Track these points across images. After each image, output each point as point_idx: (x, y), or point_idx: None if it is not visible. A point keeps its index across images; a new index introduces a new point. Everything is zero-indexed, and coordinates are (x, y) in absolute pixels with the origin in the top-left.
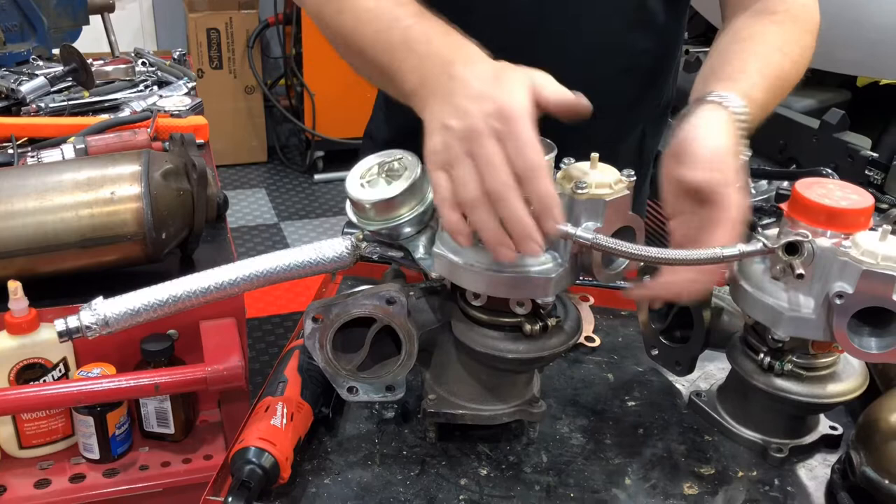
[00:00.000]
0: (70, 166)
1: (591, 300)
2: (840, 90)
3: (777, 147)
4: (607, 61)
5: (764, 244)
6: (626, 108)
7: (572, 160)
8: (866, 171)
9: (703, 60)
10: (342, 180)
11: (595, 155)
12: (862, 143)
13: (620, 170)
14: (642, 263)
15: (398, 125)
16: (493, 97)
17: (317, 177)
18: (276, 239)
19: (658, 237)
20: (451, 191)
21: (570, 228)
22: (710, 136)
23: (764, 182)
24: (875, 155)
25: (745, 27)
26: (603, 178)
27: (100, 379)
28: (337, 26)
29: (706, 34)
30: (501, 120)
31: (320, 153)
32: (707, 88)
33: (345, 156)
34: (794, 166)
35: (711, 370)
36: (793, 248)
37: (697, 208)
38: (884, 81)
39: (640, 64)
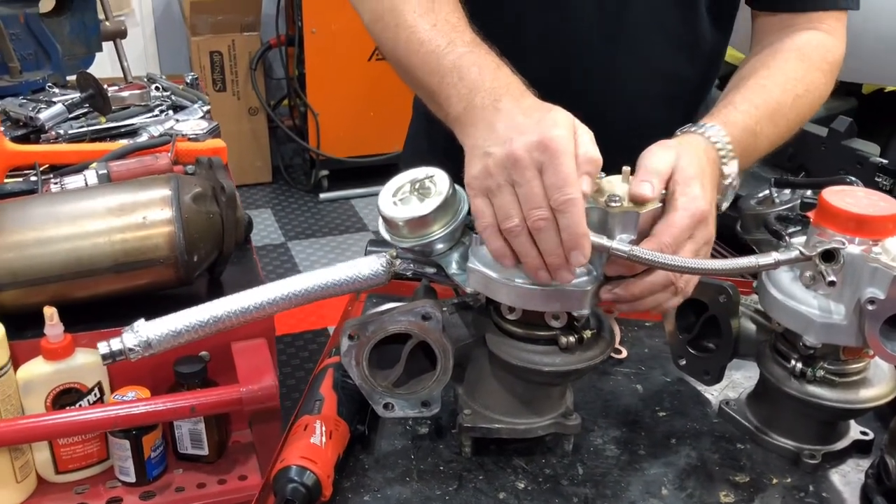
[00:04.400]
0: (101, 192)
1: (616, 312)
2: (847, 98)
3: (786, 155)
4: (651, 88)
5: (801, 252)
6: (663, 134)
7: (604, 174)
8: (876, 178)
9: None
10: (347, 199)
11: (626, 168)
12: (870, 150)
13: None
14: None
15: (437, 140)
16: (537, 129)
17: (322, 196)
18: (284, 259)
19: None
20: (494, 218)
21: (606, 241)
22: (667, 154)
23: (787, 191)
24: (885, 161)
25: (752, 66)
26: None
27: (136, 402)
28: (392, 43)
29: None
30: (544, 152)
31: (325, 172)
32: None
33: (349, 174)
34: (804, 174)
35: (738, 379)
36: (829, 256)
37: None
38: (889, 88)
39: (681, 92)
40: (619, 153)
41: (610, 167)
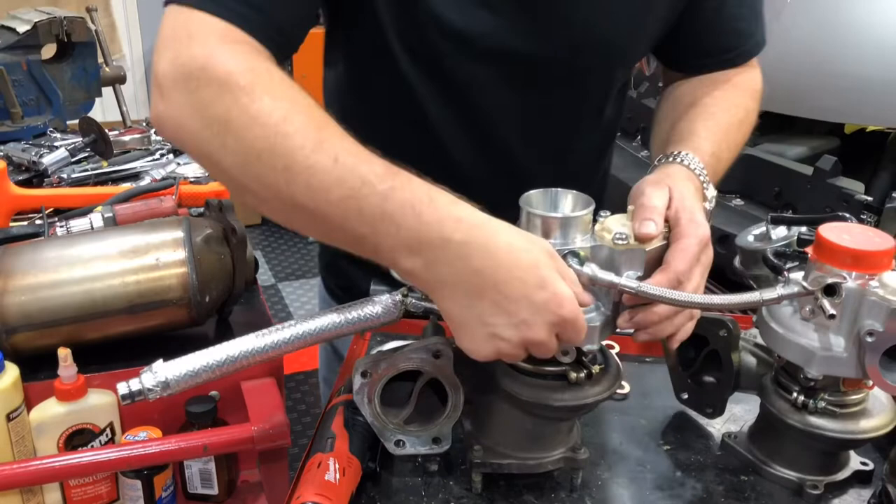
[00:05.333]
0: (112, 234)
1: (617, 348)
2: (829, 137)
3: (773, 194)
4: (558, 163)
5: (804, 287)
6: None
7: (608, 213)
8: (861, 215)
9: None
10: None
11: (632, 207)
12: (855, 187)
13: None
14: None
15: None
16: (547, 307)
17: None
18: (275, 300)
19: None
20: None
21: (614, 278)
22: (660, 191)
23: (783, 228)
24: (870, 199)
25: (695, 94)
26: None
27: (149, 442)
28: (283, 188)
29: None
30: (561, 324)
31: None
32: (668, 148)
33: None
34: (791, 212)
35: (738, 412)
36: (831, 290)
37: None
38: (870, 128)
39: (591, 157)
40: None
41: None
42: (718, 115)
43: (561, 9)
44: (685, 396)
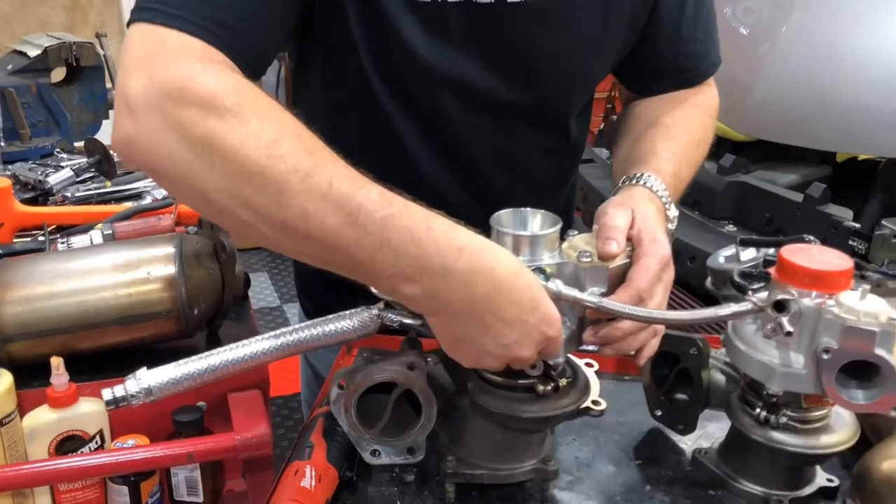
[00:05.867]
0: (107, 249)
1: (596, 366)
2: (821, 165)
3: (764, 220)
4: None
5: (754, 303)
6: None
7: (576, 232)
8: (850, 242)
9: None
10: None
11: (596, 227)
12: (844, 214)
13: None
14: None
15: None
16: (537, 328)
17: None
18: (280, 321)
19: None
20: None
21: (578, 294)
22: (623, 212)
23: (752, 250)
24: (857, 226)
25: (655, 113)
26: None
27: (136, 448)
28: (274, 212)
29: None
30: (546, 342)
31: None
32: (630, 170)
33: None
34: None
35: (712, 430)
36: (780, 306)
37: None
38: (861, 157)
39: (558, 174)
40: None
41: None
42: (678, 134)
43: (521, 42)
44: (659, 413)
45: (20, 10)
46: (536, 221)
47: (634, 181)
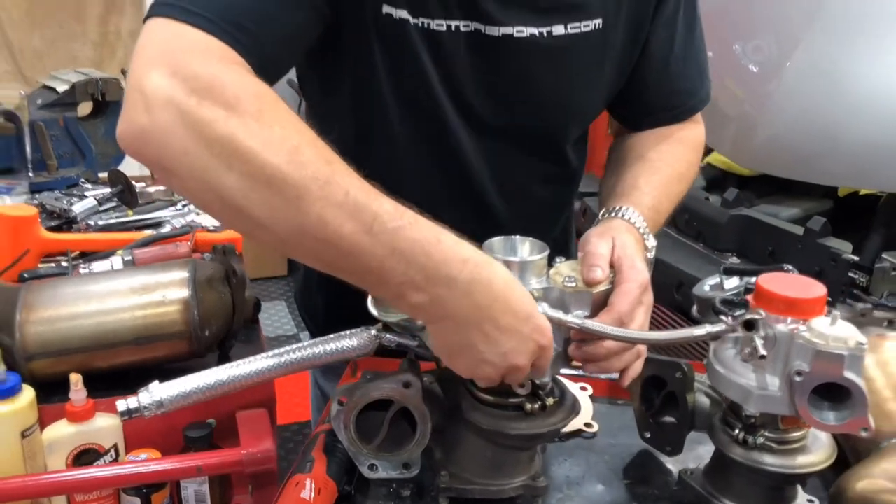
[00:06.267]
0: (125, 273)
1: (591, 390)
2: (823, 199)
3: (766, 252)
4: (524, 208)
5: (726, 323)
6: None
7: (563, 259)
8: (852, 274)
9: None
10: None
11: (581, 255)
12: (843, 247)
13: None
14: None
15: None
16: (531, 336)
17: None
18: None
19: None
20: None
21: (562, 316)
22: (605, 240)
23: (736, 278)
24: (856, 258)
25: (641, 148)
26: None
27: (148, 461)
28: (292, 216)
29: None
30: (539, 351)
31: None
32: (610, 204)
33: None
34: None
35: (700, 452)
36: (750, 325)
37: None
38: (863, 191)
39: (557, 200)
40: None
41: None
42: (662, 169)
43: (524, 74)
44: (648, 435)
45: (51, 46)
46: (525, 248)
47: (614, 213)
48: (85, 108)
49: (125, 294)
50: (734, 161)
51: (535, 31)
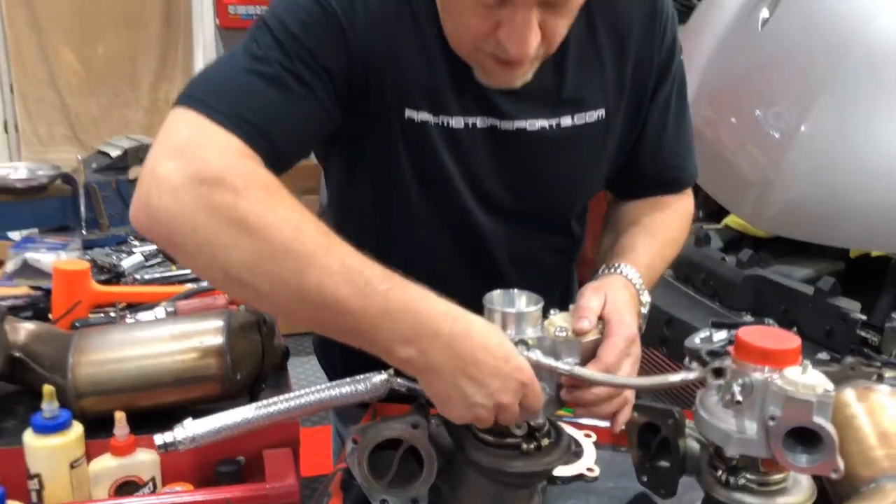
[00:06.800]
0: (167, 322)
1: (594, 437)
2: (835, 261)
3: (780, 312)
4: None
5: (699, 370)
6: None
7: (556, 311)
8: (864, 334)
9: (711, 236)
10: None
11: (572, 306)
12: (853, 307)
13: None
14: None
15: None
16: (512, 375)
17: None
18: None
19: None
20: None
21: (553, 363)
22: (597, 295)
23: (724, 331)
24: (864, 318)
25: (637, 213)
26: None
27: (182, 493)
28: (293, 284)
29: (718, 213)
30: (523, 388)
31: None
32: (610, 261)
33: None
34: (795, 329)
35: (694, 496)
36: (718, 372)
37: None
38: (875, 253)
39: (559, 273)
40: None
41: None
42: (656, 233)
43: (536, 163)
44: (644, 479)
45: (105, 111)
46: (522, 300)
47: (612, 270)
48: (135, 171)
49: (166, 340)
50: (752, 224)
51: (545, 123)
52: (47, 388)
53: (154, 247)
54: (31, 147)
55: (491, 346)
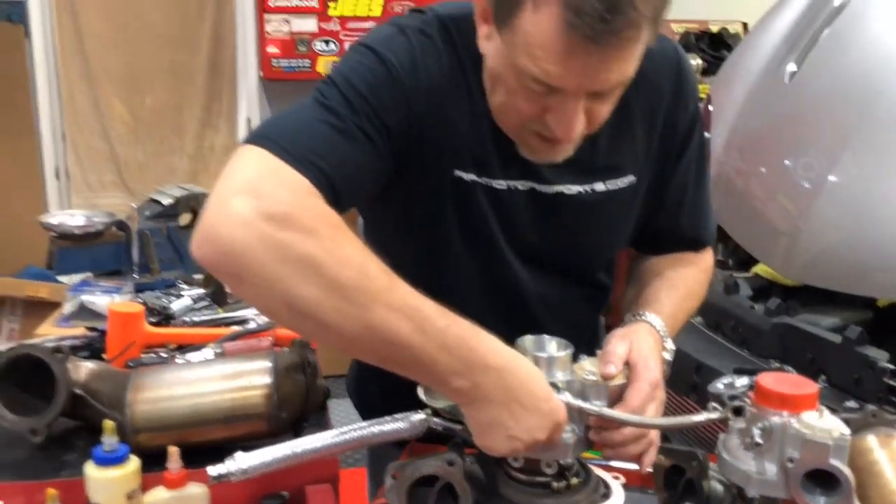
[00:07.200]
0: (217, 362)
1: (623, 479)
2: (863, 310)
3: (807, 360)
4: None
5: (720, 410)
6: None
7: (585, 356)
8: (891, 382)
9: (741, 284)
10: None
11: (600, 352)
12: (880, 356)
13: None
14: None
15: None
16: (549, 415)
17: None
18: None
19: None
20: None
21: (582, 403)
22: (623, 342)
23: (746, 377)
24: (892, 367)
25: (660, 267)
26: None
27: None
28: (358, 320)
29: (747, 261)
30: (555, 428)
31: None
32: (636, 309)
33: None
34: (824, 377)
35: None
36: (738, 411)
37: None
38: None
39: (588, 320)
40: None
41: None
42: (678, 286)
43: (572, 223)
44: None
45: (153, 159)
46: (552, 346)
47: (638, 317)
48: (185, 217)
49: (217, 380)
50: (782, 274)
51: (580, 188)
52: (108, 424)
53: (202, 290)
54: (80, 193)
55: (534, 384)
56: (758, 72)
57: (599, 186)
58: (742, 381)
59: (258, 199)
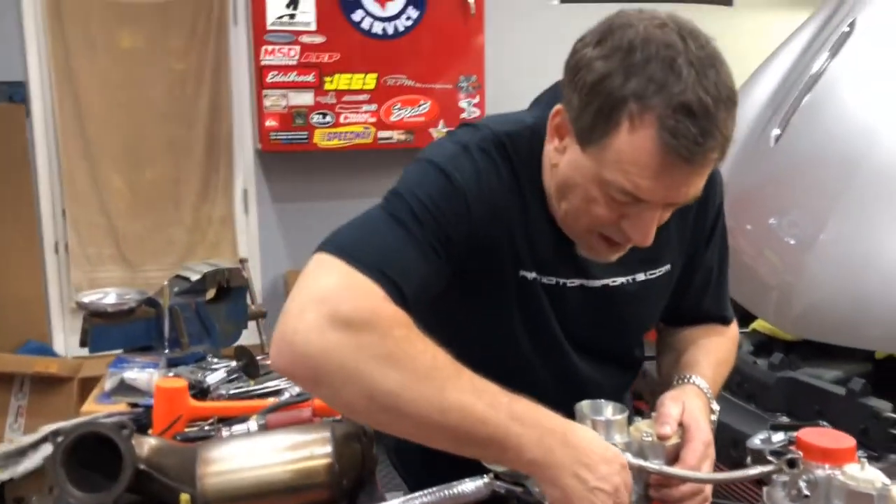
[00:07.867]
0: (279, 434)
1: None
2: (863, 362)
3: (813, 412)
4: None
5: (774, 462)
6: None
7: (639, 418)
8: (893, 431)
9: (741, 340)
10: None
11: (655, 414)
12: (883, 406)
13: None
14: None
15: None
16: (615, 461)
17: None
18: None
19: None
20: None
21: (643, 462)
22: (677, 404)
23: (781, 433)
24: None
25: (694, 336)
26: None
27: None
28: (435, 404)
29: (746, 318)
30: (623, 470)
31: None
32: (681, 373)
33: None
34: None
35: None
36: (792, 463)
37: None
38: None
39: (624, 381)
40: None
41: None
42: (713, 353)
43: (616, 311)
44: None
45: (152, 231)
46: (609, 410)
47: (685, 381)
48: (212, 292)
49: (281, 451)
50: (777, 327)
51: (623, 280)
52: (185, 497)
53: (234, 363)
54: (79, 266)
55: (594, 441)
56: (744, 134)
57: (640, 276)
58: (778, 437)
59: (336, 308)
